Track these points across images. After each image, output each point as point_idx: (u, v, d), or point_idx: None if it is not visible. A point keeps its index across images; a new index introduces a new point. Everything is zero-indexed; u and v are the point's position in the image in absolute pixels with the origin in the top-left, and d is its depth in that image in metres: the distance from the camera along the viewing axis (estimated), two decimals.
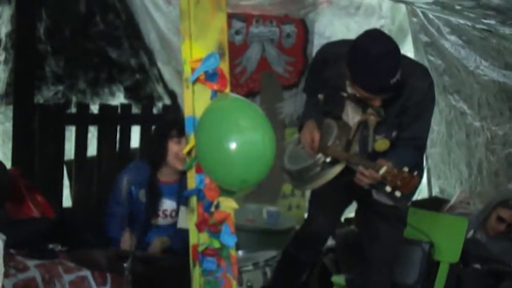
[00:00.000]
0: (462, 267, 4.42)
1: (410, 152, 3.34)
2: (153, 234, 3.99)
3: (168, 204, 3.98)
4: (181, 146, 3.75)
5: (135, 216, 3.97)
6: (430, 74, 3.46)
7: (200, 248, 2.92)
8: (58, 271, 3.86)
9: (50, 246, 4.23)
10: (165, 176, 3.96)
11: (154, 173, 3.94)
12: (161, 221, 4.00)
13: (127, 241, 3.82)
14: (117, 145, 5.08)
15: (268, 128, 2.68)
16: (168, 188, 3.97)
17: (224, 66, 2.82)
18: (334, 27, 5.93)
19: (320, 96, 3.52)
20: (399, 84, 3.13)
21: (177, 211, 3.96)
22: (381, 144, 3.32)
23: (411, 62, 3.50)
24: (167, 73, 5.48)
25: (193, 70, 2.81)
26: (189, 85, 2.82)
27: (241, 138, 2.60)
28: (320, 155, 3.40)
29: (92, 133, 5.11)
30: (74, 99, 5.30)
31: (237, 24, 5.45)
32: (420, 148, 3.46)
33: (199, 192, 2.88)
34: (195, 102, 2.82)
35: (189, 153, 2.87)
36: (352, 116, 3.40)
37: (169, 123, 3.97)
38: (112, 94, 5.44)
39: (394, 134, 3.33)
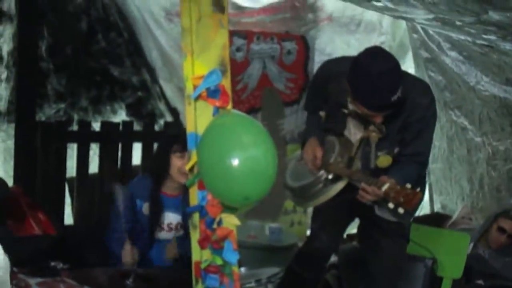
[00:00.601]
0: (465, 283, 4.40)
1: (413, 168, 3.34)
2: (157, 249, 3.98)
3: (172, 218, 3.98)
4: (184, 161, 3.77)
5: (139, 231, 3.97)
6: (431, 90, 3.46)
7: (203, 265, 2.91)
8: None
9: (52, 263, 4.22)
10: (169, 189, 3.96)
11: (157, 187, 3.94)
12: (165, 234, 4.00)
13: (128, 253, 3.81)
14: (119, 162, 5.09)
15: (270, 144, 2.68)
16: (173, 201, 3.97)
17: (226, 83, 2.82)
18: (335, 44, 5.95)
19: (322, 113, 3.53)
20: (400, 101, 3.13)
21: (182, 224, 3.96)
22: (383, 160, 3.33)
23: (412, 78, 3.51)
24: (169, 90, 5.50)
25: (195, 87, 2.81)
26: (191, 102, 2.82)
27: (244, 154, 2.60)
28: (322, 172, 3.40)
29: (94, 150, 5.11)
30: (75, 116, 5.31)
31: (238, 41, 5.47)
32: (422, 163, 3.46)
33: (201, 209, 2.88)
34: (197, 118, 2.82)
35: (191, 169, 2.87)
36: (354, 132, 3.40)
37: (172, 137, 3.98)
38: (114, 112, 5.46)
39: (396, 150, 3.33)
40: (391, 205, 3.10)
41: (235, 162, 2.58)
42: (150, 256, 3.99)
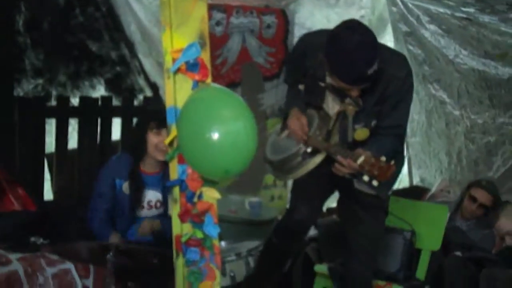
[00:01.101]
0: (443, 255, 4.45)
1: (390, 140, 3.36)
2: (137, 227, 3.98)
3: (152, 195, 3.98)
4: (161, 138, 3.76)
5: (119, 210, 3.97)
6: (408, 63, 3.47)
7: (184, 239, 2.92)
8: (41, 264, 3.84)
9: (32, 239, 4.21)
10: (148, 167, 3.95)
11: (137, 165, 3.94)
12: (146, 212, 4.00)
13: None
14: (98, 138, 5.07)
15: (250, 118, 2.68)
16: (152, 179, 3.96)
17: (205, 56, 2.81)
18: (315, 18, 5.94)
19: (301, 87, 3.53)
20: (376, 74, 3.14)
21: (162, 201, 3.96)
22: (361, 133, 3.34)
23: (389, 51, 3.51)
24: (148, 65, 5.47)
25: (174, 60, 2.80)
26: (170, 76, 2.81)
27: (223, 128, 2.60)
28: (300, 145, 3.42)
29: (73, 126, 5.09)
30: (54, 92, 5.27)
31: (218, 15, 5.44)
32: (399, 136, 3.48)
33: (181, 183, 2.88)
34: (177, 92, 2.81)
35: (171, 143, 2.86)
36: (332, 106, 3.41)
37: (148, 114, 3.97)
38: (93, 87, 5.43)
39: (373, 123, 3.35)
40: (366, 178, 3.13)
41: (215, 135, 2.58)
42: (130, 235, 3.99)
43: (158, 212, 4.00)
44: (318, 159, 3.38)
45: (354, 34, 3.08)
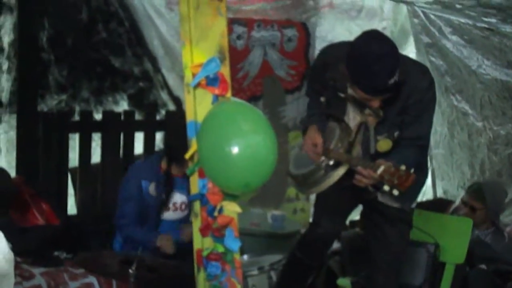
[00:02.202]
0: (468, 268, 4.41)
1: (412, 151, 3.34)
2: (163, 229, 3.99)
3: (178, 197, 4.00)
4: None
5: (145, 212, 3.98)
6: (431, 74, 3.46)
7: (205, 253, 2.92)
8: (64, 278, 3.88)
9: (55, 253, 4.25)
10: (175, 170, 3.97)
11: (166, 165, 3.96)
12: (171, 214, 4.00)
13: (167, 244, 3.83)
14: (121, 152, 5.10)
15: (269, 131, 2.68)
16: (178, 181, 3.99)
17: (225, 71, 2.82)
18: (336, 30, 5.94)
19: (322, 99, 3.52)
20: (397, 84, 3.13)
21: (186, 204, 3.98)
22: (383, 144, 3.32)
23: (411, 61, 3.50)
24: (171, 79, 5.51)
25: (194, 75, 2.81)
26: (191, 90, 2.82)
27: (243, 142, 2.60)
28: (323, 159, 3.41)
29: (96, 142, 5.13)
30: (77, 107, 5.32)
31: (239, 29, 5.46)
32: (422, 147, 3.45)
33: (202, 197, 2.88)
34: (197, 107, 2.83)
35: (191, 158, 2.87)
36: (353, 117, 3.40)
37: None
38: (116, 103, 5.46)
39: (396, 133, 3.33)
40: (386, 188, 3.11)
41: (235, 149, 2.58)
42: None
43: (182, 214, 4.02)
44: (340, 171, 3.37)
45: (375, 44, 3.08)
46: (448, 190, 6.09)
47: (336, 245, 4.62)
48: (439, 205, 5.52)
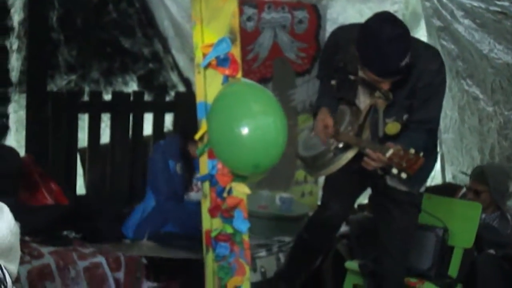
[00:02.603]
0: (476, 253, 4.40)
1: (421, 135, 3.33)
2: (188, 209, 3.97)
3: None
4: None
5: (172, 192, 3.98)
6: (441, 56, 3.44)
7: (213, 234, 2.93)
8: (73, 258, 3.89)
9: (64, 233, 4.26)
10: (193, 150, 3.96)
11: (186, 145, 3.95)
12: (196, 195, 3.99)
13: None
14: (130, 133, 5.09)
15: (279, 112, 2.68)
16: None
17: (236, 51, 2.81)
18: (347, 13, 5.90)
19: (333, 82, 3.51)
20: (408, 67, 3.11)
21: None
22: (392, 127, 3.31)
23: (422, 44, 3.48)
24: (181, 61, 5.48)
25: (204, 55, 2.81)
26: (201, 71, 2.82)
27: (253, 123, 2.61)
28: (332, 141, 3.40)
29: (106, 123, 5.13)
30: (87, 88, 5.31)
31: (249, 11, 5.42)
32: (431, 131, 3.44)
33: (211, 178, 2.89)
34: (207, 87, 2.83)
35: (201, 138, 2.87)
36: (363, 100, 3.39)
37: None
38: (125, 84, 5.46)
39: (405, 117, 3.31)
40: (394, 171, 3.10)
41: (245, 130, 2.58)
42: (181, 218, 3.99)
43: None
44: (350, 154, 3.36)
45: (386, 26, 3.06)
46: (457, 175, 6.06)
47: (344, 228, 4.61)
48: (448, 189, 5.50)
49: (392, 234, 3.63)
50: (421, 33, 5.90)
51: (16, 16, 4.91)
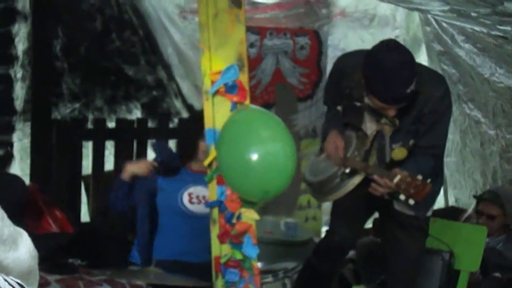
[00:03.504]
0: (482, 277, 4.39)
1: (428, 160, 3.35)
2: (190, 224, 3.92)
3: (199, 190, 3.86)
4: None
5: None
6: (446, 82, 3.46)
7: (223, 260, 2.93)
8: (79, 286, 3.88)
9: (70, 260, 4.26)
10: (198, 167, 3.92)
11: (185, 164, 3.92)
12: (197, 207, 3.91)
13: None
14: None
15: (289, 138, 2.70)
16: (199, 176, 3.91)
17: (244, 78, 2.83)
18: (348, 39, 5.96)
19: (339, 108, 3.53)
20: (414, 93, 3.14)
21: None
22: (398, 153, 3.33)
23: (427, 70, 3.51)
24: (185, 88, 5.51)
25: (212, 82, 2.83)
26: (209, 98, 2.84)
27: (263, 149, 2.62)
28: (340, 167, 3.41)
29: (109, 150, 5.14)
30: (90, 116, 5.33)
31: (251, 37, 5.47)
32: (437, 156, 3.46)
33: (220, 204, 2.89)
34: (215, 114, 2.84)
35: (210, 165, 2.88)
36: (369, 126, 3.41)
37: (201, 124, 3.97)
38: (129, 111, 5.47)
39: (411, 142, 3.33)
40: (402, 197, 3.12)
41: (254, 156, 2.59)
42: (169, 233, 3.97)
43: (206, 211, 3.92)
44: (356, 180, 3.37)
45: (392, 53, 3.09)
46: (460, 199, 6.07)
47: (350, 252, 4.61)
48: (451, 213, 5.51)
49: (400, 259, 3.62)
50: (422, 58, 5.95)
51: (21, 45, 4.94)
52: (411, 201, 3.11)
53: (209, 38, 2.82)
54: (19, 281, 1.24)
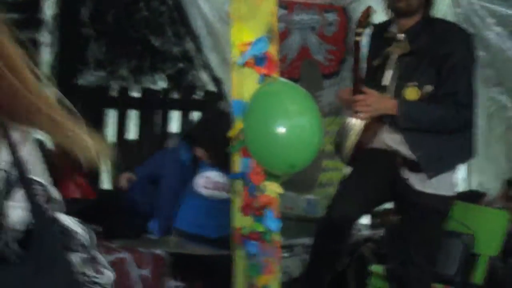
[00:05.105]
0: (502, 261, 4.38)
1: (449, 109, 3.27)
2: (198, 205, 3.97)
3: (215, 175, 3.92)
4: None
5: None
6: (470, 33, 3.47)
7: (244, 232, 2.93)
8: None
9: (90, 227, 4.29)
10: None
11: (193, 149, 3.95)
12: (210, 192, 3.96)
13: None
14: (158, 129, 5.12)
15: (316, 113, 2.69)
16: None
17: (273, 50, 2.82)
18: (377, 17, 5.88)
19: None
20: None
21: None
22: (411, 92, 3.30)
23: (456, 25, 3.69)
24: (213, 60, 5.49)
25: (241, 53, 2.81)
26: (238, 69, 2.82)
27: (290, 122, 2.61)
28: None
29: (133, 118, 5.16)
30: (115, 85, 5.34)
31: (279, 11, 5.39)
32: (461, 105, 3.30)
33: (244, 176, 2.89)
34: (244, 86, 2.83)
35: (235, 136, 2.87)
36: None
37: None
38: (154, 82, 5.48)
39: (427, 87, 3.29)
40: None
41: (282, 130, 2.58)
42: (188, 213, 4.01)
43: (220, 195, 3.94)
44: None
45: None
46: (483, 182, 6.03)
47: (368, 231, 4.60)
48: (472, 197, 5.48)
49: (417, 242, 3.59)
50: None
51: (49, 11, 4.95)
52: None
53: (239, 9, 2.80)
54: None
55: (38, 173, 1.17)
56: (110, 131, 5.10)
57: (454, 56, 3.27)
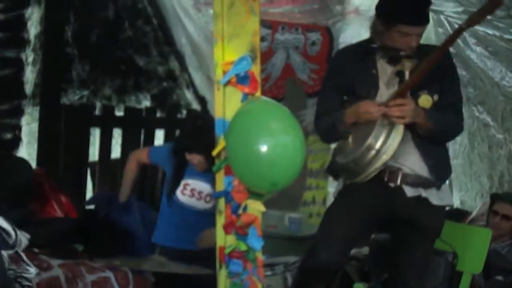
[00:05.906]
0: (484, 279, 4.39)
1: (453, 116, 3.42)
2: (177, 211, 3.98)
3: (203, 186, 3.96)
4: (196, 160, 3.88)
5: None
6: None
7: (227, 250, 2.93)
8: (81, 271, 3.89)
9: (73, 246, 4.27)
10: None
11: (183, 155, 3.96)
12: (195, 202, 3.97)
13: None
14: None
15: (298, 131, 2.69)
16: (203, 174, 3.96)
17: (256, 69, 2.83)
18: (361, 36, 5.90)
19: (345, 98, 3.52)
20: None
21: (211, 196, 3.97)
22: (425, 100, 3.33)
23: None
24: (198, 79, 5.52)
25: (224, 72, 2.82)
26: (220, 88, 2.83)
27: (272, 141, 2.61)
28: (370, 140, 3.26)
29: (116, 139, 5.15)
30: (98, 104, 5.34)
31: (263, 31, 5.46)
32: (460, 114, 3.52)
33: (227, 194, 2.89)
34: (226, 104, 2.84)
35: (218, 155, 2.88)
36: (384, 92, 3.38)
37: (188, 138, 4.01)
38: (138, 102, 5.48)
39: (435, 96, 3.36)
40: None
41: (264, 148, 2.58)
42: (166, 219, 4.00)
43: (209, 206, 3.95)
44: (399, 133, 3.25)
45: None
46: (465, 201, 6.07)
47: (353, 250, 4.59)
48: (455, 215, 5.50)
49: (411, 260, 3.56)
50: None
51: (33, 29, 4.95)
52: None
53: (222, 28, 2.81)
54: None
55: None
56: (94, 149, 5.10)
57: (452, 68, 3.49)
